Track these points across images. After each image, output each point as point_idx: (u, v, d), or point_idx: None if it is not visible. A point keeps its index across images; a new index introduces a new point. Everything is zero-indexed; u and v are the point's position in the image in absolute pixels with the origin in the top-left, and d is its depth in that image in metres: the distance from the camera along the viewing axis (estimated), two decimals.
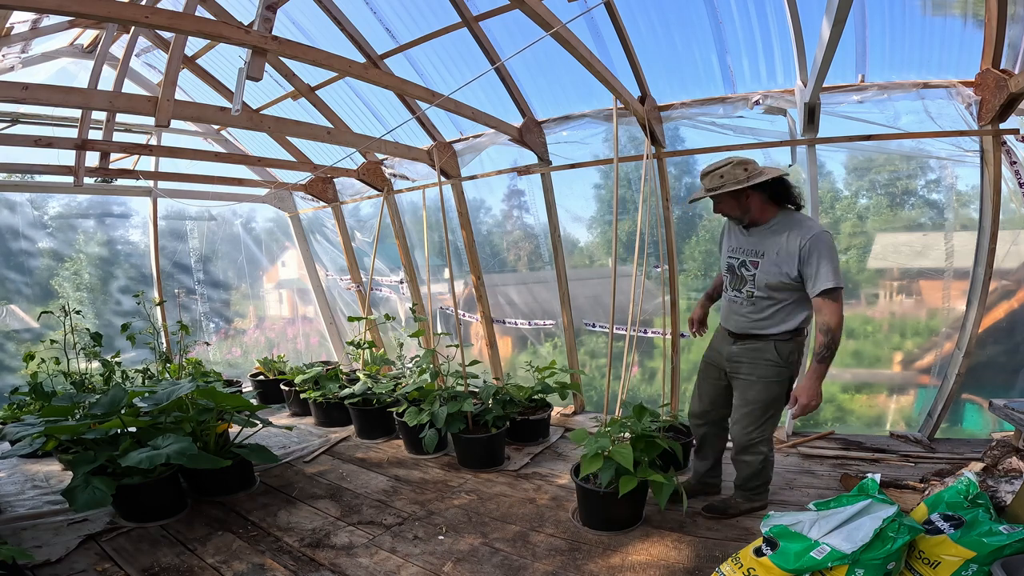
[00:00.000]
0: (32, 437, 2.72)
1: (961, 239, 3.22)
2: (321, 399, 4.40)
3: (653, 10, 3.14)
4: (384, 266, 5.58)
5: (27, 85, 2.41)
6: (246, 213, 6.23)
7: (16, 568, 2.05)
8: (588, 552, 2.38)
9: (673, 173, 3.85)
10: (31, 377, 3.59)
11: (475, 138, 4.25)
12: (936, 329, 3.45)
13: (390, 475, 3.39)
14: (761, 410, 2.39)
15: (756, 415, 2.40)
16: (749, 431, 2.42)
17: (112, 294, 5.32)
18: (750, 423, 2.42)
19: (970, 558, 1.69)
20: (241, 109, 2.35)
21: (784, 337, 2.32)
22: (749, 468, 2.50)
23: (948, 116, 2.97)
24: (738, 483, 2.61)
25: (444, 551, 2.44)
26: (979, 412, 3.51)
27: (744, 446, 2.46)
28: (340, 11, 3.54)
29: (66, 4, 1.86)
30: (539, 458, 3.62)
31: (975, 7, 2.70)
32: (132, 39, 3.29)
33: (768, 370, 2.36)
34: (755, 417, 2.40)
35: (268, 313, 6.78)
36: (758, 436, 2.42)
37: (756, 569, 1.86)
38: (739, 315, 2.42)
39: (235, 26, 2.20)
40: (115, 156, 4.38)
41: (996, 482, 2.12)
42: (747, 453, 2.47)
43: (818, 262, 2.12)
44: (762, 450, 2.45)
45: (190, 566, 2.32)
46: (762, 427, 2.41)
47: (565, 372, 4.11)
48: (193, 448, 2.60)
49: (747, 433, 2.43)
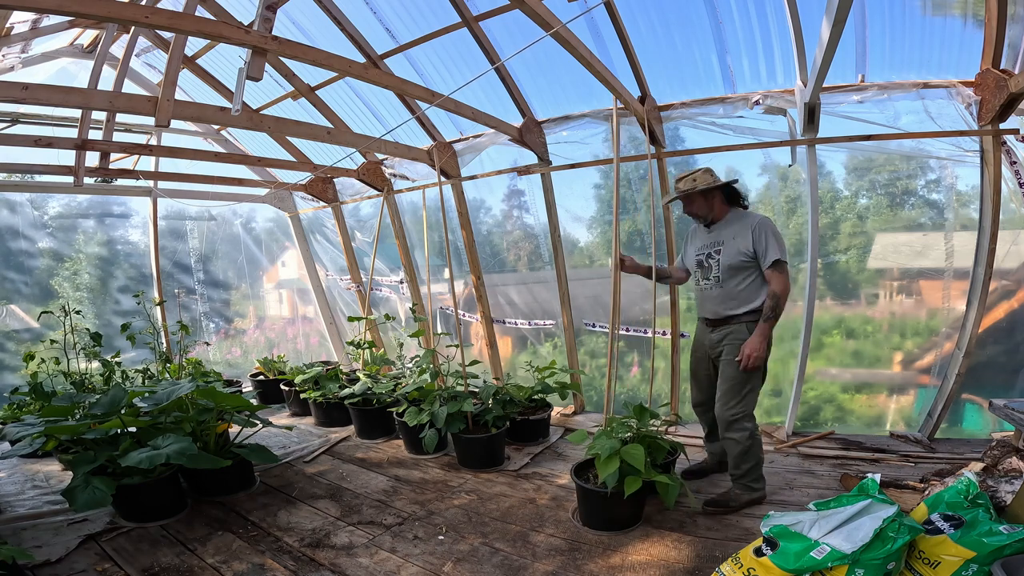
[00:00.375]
0: (32, 437, 2.72)
1: (961, 239, 3.22)
2: (321, 399, 4.40)
3: (653, 10, 3.14)
4: (384, 266, 5.58)
5: (27, 85, 2.41)
6: (246, 213, 6.24)
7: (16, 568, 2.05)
8: (588, 552, 2.38)
9: (673, 173, 3.85)
10: (31, 377, 3.59)
11: (475, 138, 4.25)
12: (936, 329, 3.45)
13: (390, 475, 3.39)
14: (739, 385, 2.60)
15: (736, 390, 2.61)
16: (731, 406, 2.61)
17: (112, 294, 5.32)
18: (731, 398, 2.62)
19: (970, 558, 1.69)
20: (241, 109, 2.35)
21: (752, 318, 2.61)
22: (738, 446, 2.62)
23: (948, 116, 2.97)
24: (732, 470, 2.71)
25: (444, 551, 2.44)
26: (979, 412, 3.51)
27: (728, 422, 2.62)
28: (340, 11, 3.54)
29: (66, 4, 1.86)
30: (539, 458, 3.62)
31: (975, 7, 2.70)
32: (132, 39, 3.29)
33: (740, 348, 2.61)
34: (735, 392, 2.61)
35: (268, 313, 6.78)
36: (740, 411, 2.60)
37: (756, 569, 1.86)
38: (711, 300, 2.75)
39: (235, 26, 2.21)
40: (115, 156, 4.38)
41: (996, 482, 2.12)
42: (732, 430, 2.61)
43: (766, 240, 2.54)
44: (746, 425, 2.60)
45: (190, 566, 2.32)
46: (743, 401, 2.60)
47: (565, 372, 4.11)
48: (193, 448, 2.59)
49: (729, 408, 2.62)
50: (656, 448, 2.67)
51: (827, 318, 3.70)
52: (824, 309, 3.69)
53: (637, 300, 4.19)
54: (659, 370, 4.16)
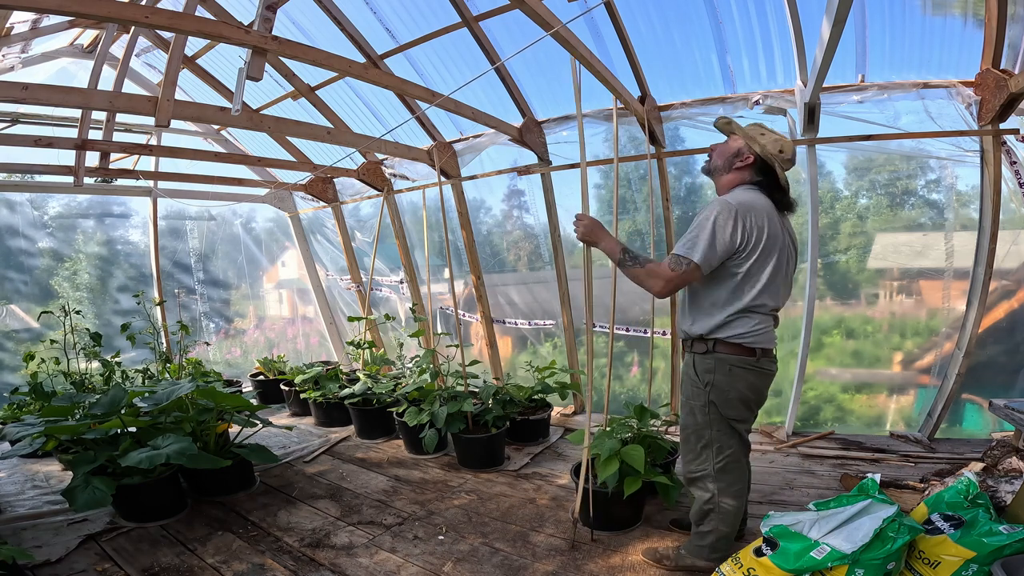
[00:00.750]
0: (32, 437, 2.72)
1: (961, 239, 3.22)
2: (321, 399, 4.40)
3: (653, 10, 3.14)
4: (384, 266, 5.58)
5: (27, 85, 2.41)
6: (246, 213, 6.24)
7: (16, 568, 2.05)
8: (588, 552, 2.38)
9: (673, 173, 3.86)
10: (31, 377, 3.59)
11: (475, 138, 4.25)
12: (936, 329, 3.45)
13: (390, 475, 3.39)
14: (693, 437, 2.04)
15: (689, 444, 2.06)
16: (687, 462, 2.08)
17: (112, 294, 5.32)
18: (685, 452, 2.09)
19: (970, 558, 1.69)
20: (241, 109, 2.35)
21: (703, 348, 1.95)
22: (695, 504, 2.11)
23: (948, 116, 2.97)
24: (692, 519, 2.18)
25: (444, 551, 2.44)
26: (979, 412, 3.51)
27: (687, 479, 2.13)
28: (340, 11, 3.54)
29: (66, 4, 1.86)
30: (539, 458, 3.62)
31: (975, 7, 2.70)
32: (132, 39, 3.29)
33: (688, 389, 2.03)
34: (689, 446, 2.06)
35: (268, 313, 6.78)
36: (696, 470, 2.04)
37: (756, 569, 1.86)
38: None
39: (235, 26, 2.20)
40: (115, 156, 4.38)
41: (996, 482, 2.12)
42: (692, 486, 2.11)
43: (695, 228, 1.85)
44: (708, 487, 2.02)
45: (190, 566, 2.32)
46: (699, 459, 2.02)
47: (565, 372, 4.11)
48: (193, 448, 2.59)
49: (686, 464, 2.10)
50: (656, 448, 2.67)
51: (827, 318, 3.71)
52: (824, 309, 3.69)
53: (637, 300, 4.20)
54: (659, 370, 4.16)
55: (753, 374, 1.93)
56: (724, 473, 1.99)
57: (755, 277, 1.88)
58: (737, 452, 2.01)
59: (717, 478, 1.99)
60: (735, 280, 1.88)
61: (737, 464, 2.02)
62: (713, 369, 1.93)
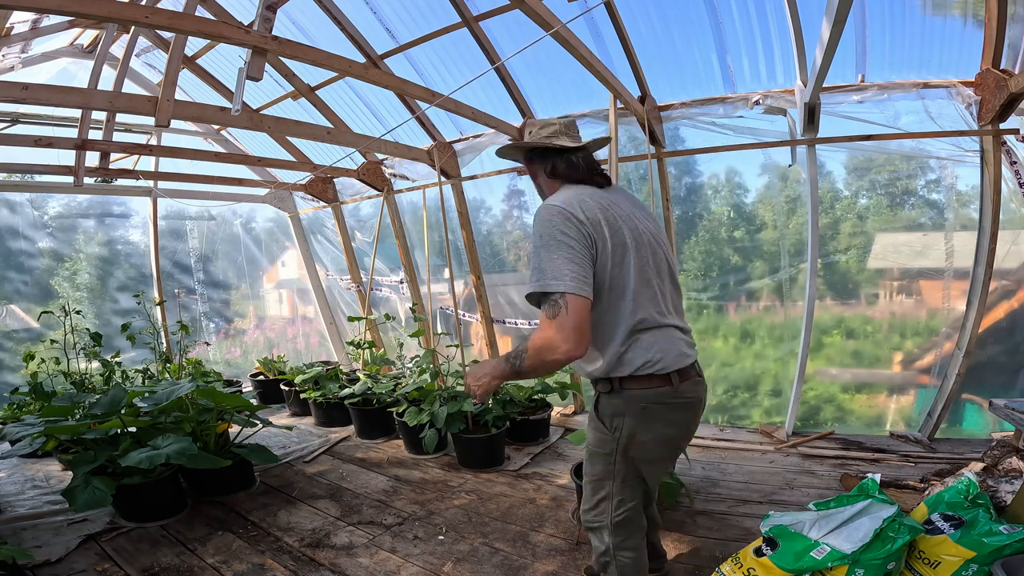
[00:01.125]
0: (32, 437, 2.72)
1: (961, 239, 3.22)
2: (321, 399, 4.40)
3: (653, 10, 3.14)
4: (384, 266, 5.58)
5: (27, 85, 2.41)
6: (246, 213, 6.24)
7: (16, 568, 2.05)
8: (588, 552, 2.38)
9: (673, 173, 3.86)
10: (31, 377, 3.59)
11: (475, 138, 4.25)
12: (936, 329, 3.45)
13: (390, 475, 3.39)
14: (590, 488, 1.74)
15: (588, 490, 1.76)
16: (585, 510, 1.78)
17: (112, 294, 5.32)
18: (585, 499, 1.79)
19: (970, 558, 1.69)
20: (241, 109, 2.35)
21: (605, 387, 1.60)
22: (594, 553, 1.82)
23: (948, 116, 2.97)
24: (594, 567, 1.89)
25: (444, 551, 2.44)
26: (979, 412, 3.51)
27: (585, 525, 1.82)
28: (340, 11, 3.54)
29: (66, 4, 1.86)
30: (539, 458, 3.62)
31: (975, 7, 2.70)
32: (132, 39, 3.29)
33: (592, 434, 1.72)
34: (588, 493, 1.76)
35: (268, 313, 6.78)
36: (593, 520, 1.75)
37: (756, 569, 1.86)
38: None
39: (235, 26, 2.20)
40: (115, 156, 4.38)
41: (996, 482, 2.12)
42: (590, 533, 1.83)
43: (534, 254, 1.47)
44: (604, 539, 1.73)
45: (190, 566, 2.32)
46: (596, 509, 1.73)
47: (565, 372, 4.11)
48: (193, 448, 2.60)
49: (584, 511, 1.79)
50: None
51: (827, 318, 3.70)
52: (824, 309, 3.69)
53: None
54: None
55: (673, 409, 1.57)
56: (621, 528, 1.71)
57: (620, 286, 1.50)
58: (638, 505, 1.74)
59: (614, 532, 1.71)
60: (603, 301, 1.50)
61: (638, 515, 1.74)
62: (623, 411, 1.57)
